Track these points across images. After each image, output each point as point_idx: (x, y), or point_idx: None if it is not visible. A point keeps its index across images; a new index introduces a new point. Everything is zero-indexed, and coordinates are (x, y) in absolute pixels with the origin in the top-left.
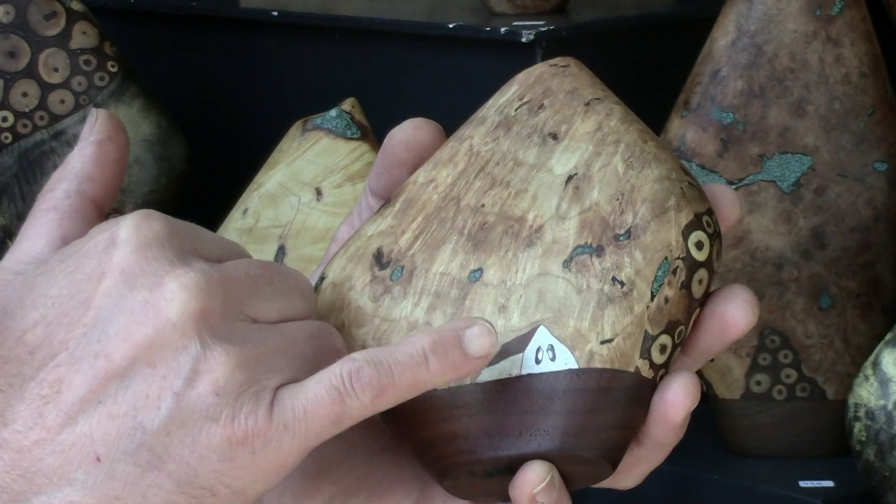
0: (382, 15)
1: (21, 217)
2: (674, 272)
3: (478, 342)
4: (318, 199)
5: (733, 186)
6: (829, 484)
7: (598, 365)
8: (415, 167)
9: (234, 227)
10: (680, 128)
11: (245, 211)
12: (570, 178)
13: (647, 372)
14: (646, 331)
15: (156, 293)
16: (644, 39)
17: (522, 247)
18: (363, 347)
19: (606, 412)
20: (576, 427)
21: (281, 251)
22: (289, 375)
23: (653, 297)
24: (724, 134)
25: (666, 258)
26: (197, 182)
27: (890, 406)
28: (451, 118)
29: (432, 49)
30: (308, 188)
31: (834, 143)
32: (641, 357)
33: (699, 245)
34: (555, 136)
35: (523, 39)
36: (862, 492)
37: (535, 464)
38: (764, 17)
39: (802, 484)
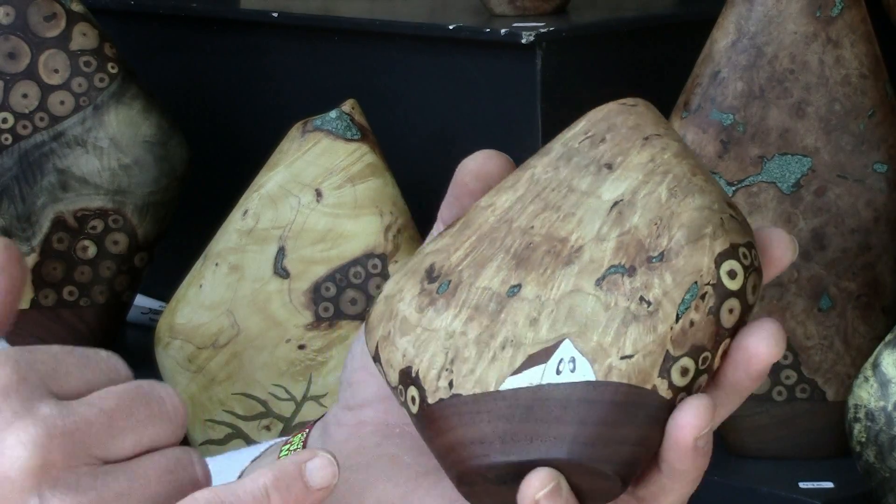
0: (382, 16)
1: (21, 219)
2: (702, 297)
3: (319, 475)
4: (318, 201)
5: (733, 188)
6: (829, 485)
7: (615, 379)
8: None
9: (233, 228)
10: (680, 129)
11: (245, 212)
12: (615, 203)
13: (665, 392)
14: (667, 351)
15: None
16: (644, 41)
17: (561, 265)
18: (405, 356)
19: (619, 426)
20: (586, 437)
21: (281, 252)
22: None
23: (678, 318)
24: (724, 135)
25: (696, 282)
26: (197, 183)
27: (890, 407)
28: (450, 119)
29: (432, 50)
30: (308, 189)
31: (834, 145)
32: (660, 376)
33: (731, 274)
34: (609, 167)
35: (523, 41)
36: (862, 493)
37: (541, 470)
38: (764, 19)
39: (802, 485)
